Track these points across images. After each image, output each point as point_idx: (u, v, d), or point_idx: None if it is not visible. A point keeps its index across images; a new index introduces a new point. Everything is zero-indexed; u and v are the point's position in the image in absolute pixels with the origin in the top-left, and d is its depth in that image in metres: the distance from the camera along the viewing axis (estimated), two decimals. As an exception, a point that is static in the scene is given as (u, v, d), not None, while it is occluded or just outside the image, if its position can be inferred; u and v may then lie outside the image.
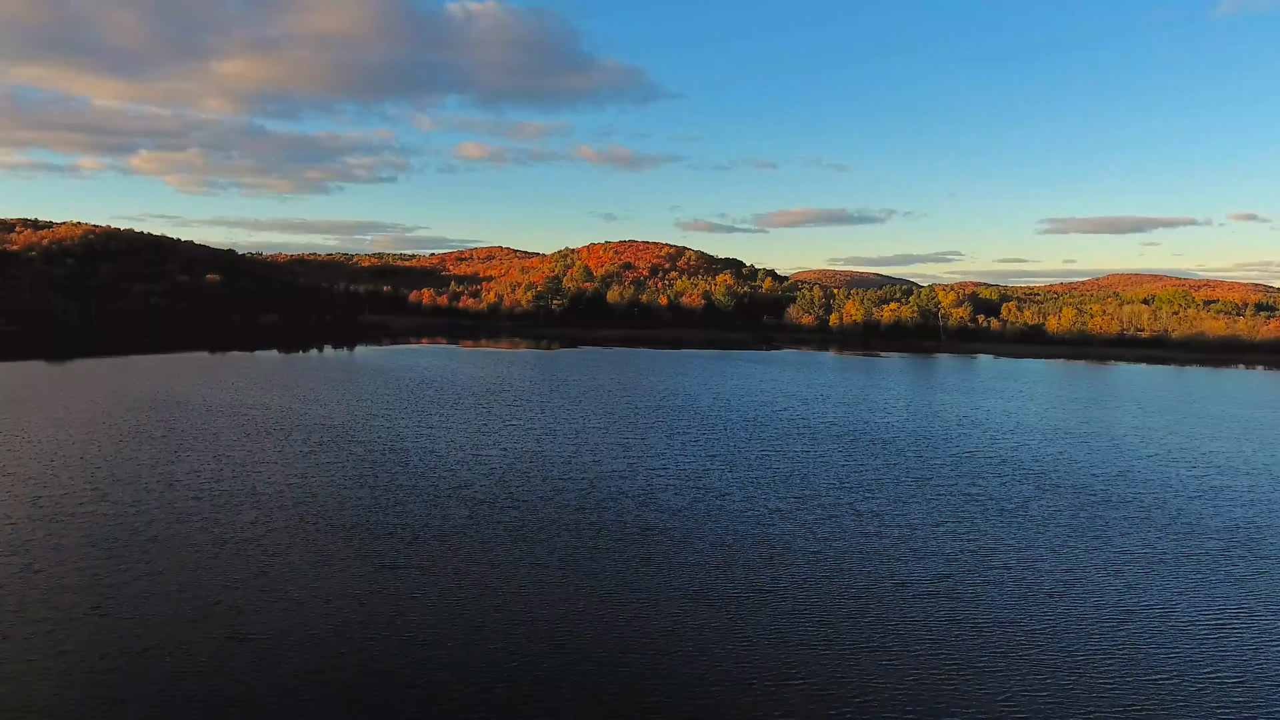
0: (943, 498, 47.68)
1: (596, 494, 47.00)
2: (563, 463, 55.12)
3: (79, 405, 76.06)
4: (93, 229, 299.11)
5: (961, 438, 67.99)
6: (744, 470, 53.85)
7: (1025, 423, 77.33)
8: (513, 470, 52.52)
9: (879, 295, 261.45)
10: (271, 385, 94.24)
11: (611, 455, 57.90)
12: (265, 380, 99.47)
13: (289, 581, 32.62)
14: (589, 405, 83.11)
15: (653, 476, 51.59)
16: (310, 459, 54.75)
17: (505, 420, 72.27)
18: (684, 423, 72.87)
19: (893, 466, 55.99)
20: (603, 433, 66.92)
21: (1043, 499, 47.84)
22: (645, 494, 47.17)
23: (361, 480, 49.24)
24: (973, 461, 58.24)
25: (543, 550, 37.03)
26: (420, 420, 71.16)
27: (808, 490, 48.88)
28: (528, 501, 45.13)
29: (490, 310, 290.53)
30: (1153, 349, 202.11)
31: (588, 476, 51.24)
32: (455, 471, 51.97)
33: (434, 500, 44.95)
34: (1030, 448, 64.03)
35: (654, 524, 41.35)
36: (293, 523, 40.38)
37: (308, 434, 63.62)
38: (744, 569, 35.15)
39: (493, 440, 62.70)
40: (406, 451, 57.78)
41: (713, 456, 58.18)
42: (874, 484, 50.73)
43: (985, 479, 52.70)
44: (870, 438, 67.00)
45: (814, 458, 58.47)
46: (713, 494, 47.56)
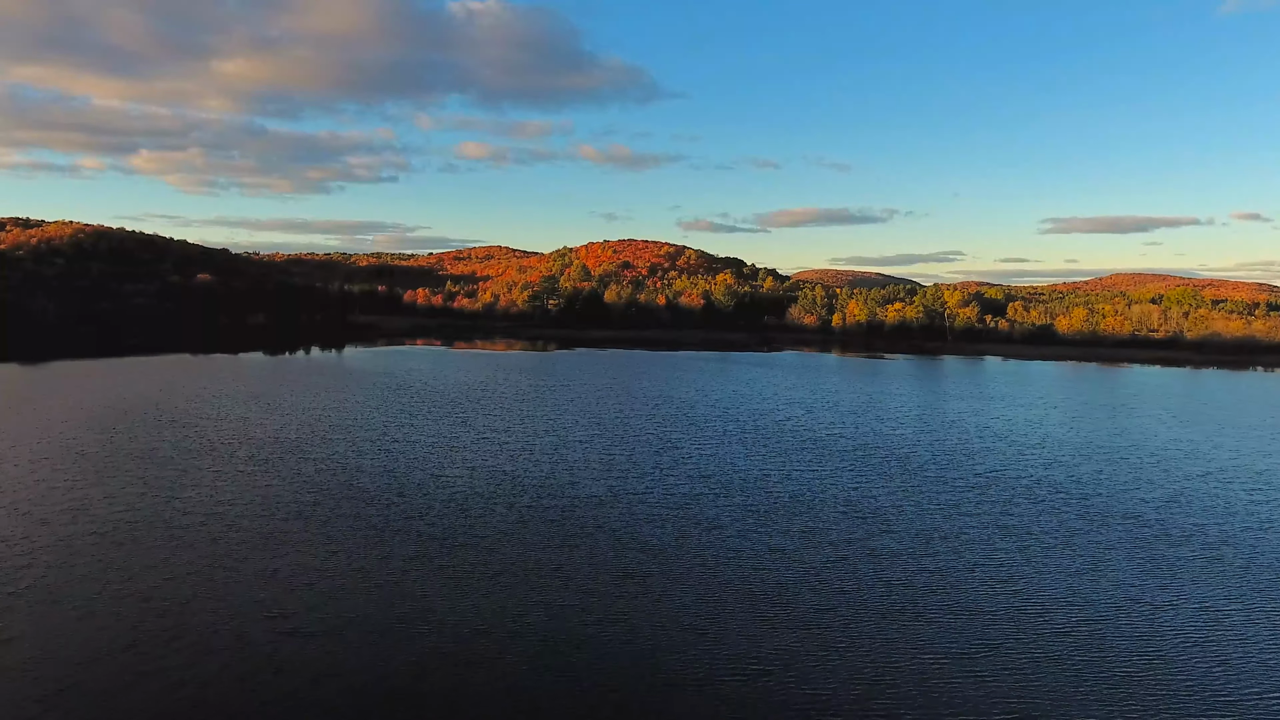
0: (972, 531, 40.86)
1: (567, 527, 40.20)
2: (535, 486, 48.33)
3: (18, 416, 69.32)
4: (83, 228, 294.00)
5: (984, 453, 61.16)
6: (739, 495, 47.05)
7: (1052, 434, 70.45)
8: (474, 496, 45.71)
9: (883, 295, 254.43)
10: (238, 392, 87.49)
11: (591, 476, 51.11)
12: (234, 386, 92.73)
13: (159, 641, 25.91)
14: (573, 415, 76.34)
15: (636, 504, 44.79)
16: (243, 482, 47.94)
17: (477, 434, 65.50)
18: (676, 435, 66.07)
19: (911, 491, 49.17)
20: (584, 448, 60.14)
21: (1091, 532, 41.02)
22: (625, 527, 40.37)
23: (295, 510, 42.45)
24: (1001, 484, 51.42)
25: (488, 606, 30.27)
26: (384, 433, 64.41)
27: (813, 522, 42.07)
28: (486, 538, 38.33)
29: (485, 311, 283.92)
30: (1166, 350, 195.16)
31: (560, 504, 44.45)
32: (408, 497, 45.19)
33: (373, 535, 38.16)
34: (1064, 465, 57.17)
35: (630, 568, 34.56)
36: (196, 566, 33.60)
37: (254, 451, 56.85)
38: (732, 637, 28.38)
39: (459, 458, 55.91)
40: (359, 471, 50.99)
41: (705, 478, 51.36)
42: (891, 514, 43.92)
43: (1019, 506, 45.88)
44: (883, 453, 60.20)
45: (820, 479, 51.67)
46: (702, 526, 40.75)
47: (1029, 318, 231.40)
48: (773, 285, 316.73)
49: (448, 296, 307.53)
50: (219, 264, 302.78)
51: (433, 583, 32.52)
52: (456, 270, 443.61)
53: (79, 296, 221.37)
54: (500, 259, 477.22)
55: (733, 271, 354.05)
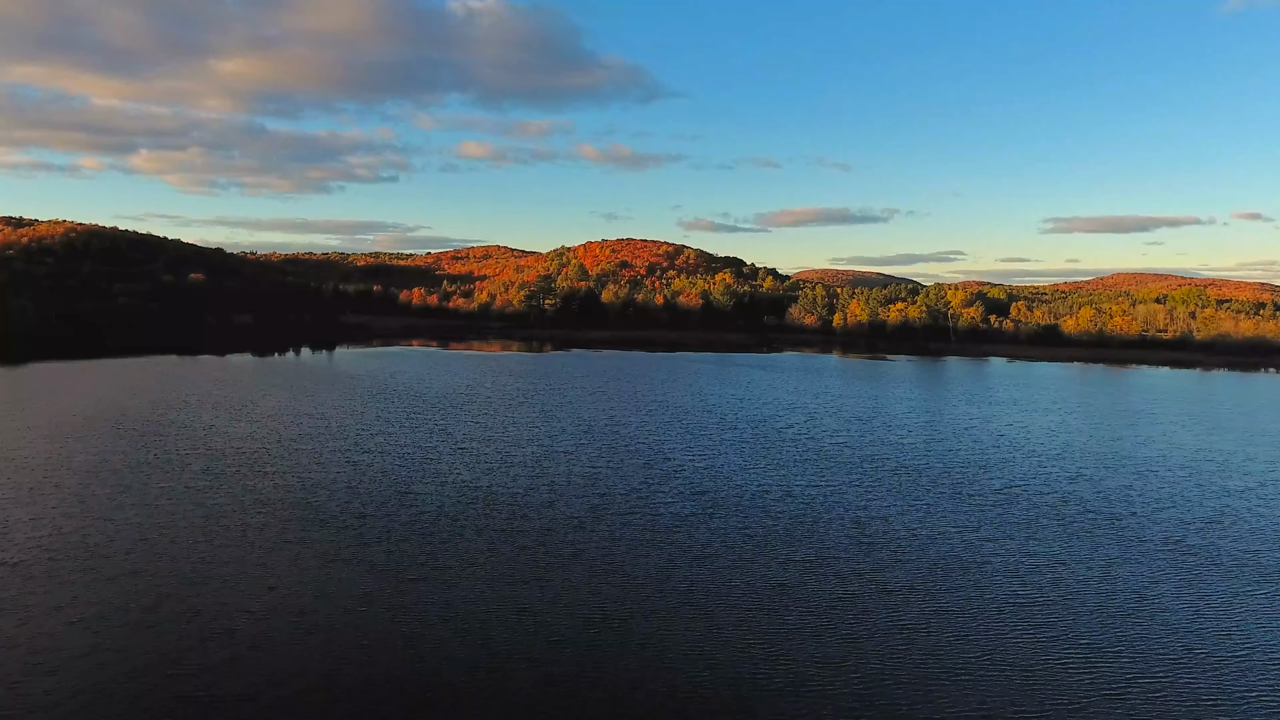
0: (996, 560, 36.35)
1: (540, 556, 35.68)
2: (510, 504, 43.83)
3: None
4: (75, 227, 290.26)
5: (1002, 465, 56.64)
6: (735, 517, 42.55)
7: (1073, 444, 65.92)
8: (442, 517, 41.20)
9: (885, 295, 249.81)
10: (209, 397, 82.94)
11: (573, 494, 46.60)
12: (207, 390, 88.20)
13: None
14: (560, 422, 71.84)
15: (620, 528, 40.29)
16: (188, 501, 43.39)
17: (455, 444, 61.01)
18: (669, 445, 61.59)
19: (925, 510, 44.67)
20: (568, 460, 55.64)
21: (1130, 561, 36.51)
22: (605, 556, 35.87)
23: (237, 535, 37.92)
24: (1024, 501, 46.91)
25: (438, 657, 25.79)
26: (354, 444, 59.91)
27: (818, 549, 37.56)
28: (446, 569, 33.80)
29: (481, 311, 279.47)
30: (1176, 351, 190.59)
31: (535, 527, 39.95)
32: (369, 519, 40.67)
33: (320, 566, 33.66)
34: (1090, 480, 52.63)
35: (607, 609, 30.06)
36: (108, 609, 29.06)
37: (210, 464, 52.35)
38: (723, 697, 23.87)
39: (431, 472, 51.40)
40: (318, 489, 46.47)
41: (698, 495, 46.87)
42: (904, 539, 39.41)
43: (1046, 529, 41.36)
44: (892, 466, 55.70)
45: (825, 497, 47.16)
46: (691, 556, 36.25)
47: (1033, 318, 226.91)
48: (773, 285, 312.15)
49: (443, 296, 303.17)
50: (213, 263, 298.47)
51: (378, 630, 28.05)
52: (454, 270, 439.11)
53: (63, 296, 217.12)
54: (498, 259, 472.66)
55: (732, 271, 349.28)
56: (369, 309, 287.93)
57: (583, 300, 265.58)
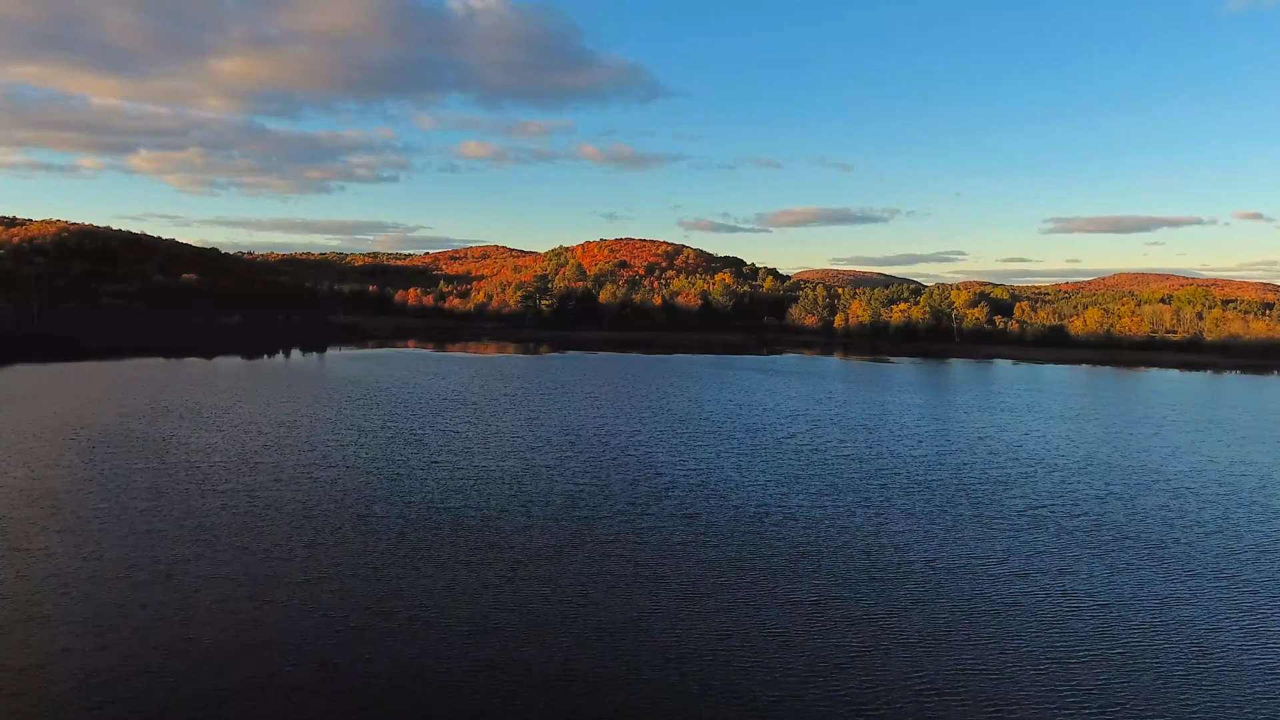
0: (1029, 601, 31.75)
1: (504, 593, 31.08)
2: (480, 526, 39.19)
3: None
4: (67, 226, 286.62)
5: (1023, 481, 51.98)
6: (730, 545, 37.94)
7: (1097, 455, 61.20)
8: (402, 544, 36.59)
9: (887, 295, 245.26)
10: (180, 404, 78.31)
11: (552, 515, 41.98)
12: (180, 396, 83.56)
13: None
14: (546, 431, 67.25)
15: (601, 556, 35.67)
16: (124, 526, 38.65)
17: (425, 459, 56.38)
18: (661, 458, 57.01)
19: (945, 539, 40.06)
20: (550, 475, 51.04)
21: (1185, 598, 31.84)
22: (581, 594, 31.28)
23: (165, 569, 33.29)
24: (1052, 524, 42.27)
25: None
26: (319, 457, 55.30)
27: (824, 590, 32.96)
28: (396, 613, 29.18)
29: (477, 311, 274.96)
30: (1186, 353, 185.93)
31: (505, 559, 35.33)
32: (317, 552, 36.10)
33: (245, 618, 29.08)
34: (1121, 498, 47.95)
35: (573, 665, 25.50)
36: (13, 655, 24.52)
37: (157, 481, 47.68)
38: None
39: (394, 493, 46.80)
40: (271, 510, 41.82)
41: (690, 520, 42.23)
42: (922, 573, 34.77)
43: (1084, 560, 36.70)
44: (903, 481, 51.09)
45: (830, 519, 42.56)
46: (677, 594, 31.57)
47: (1037, 318, 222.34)
48: (773, 285, 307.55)
49: (439, 297, 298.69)
50: (207, 263, 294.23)
51: (303, 693, 23.49)
52: (453, 270, 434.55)
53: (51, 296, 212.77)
54: (497, 259, 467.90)
55: (732, 271, 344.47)
56: (363, 309, 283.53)
57: (580, 300, 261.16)
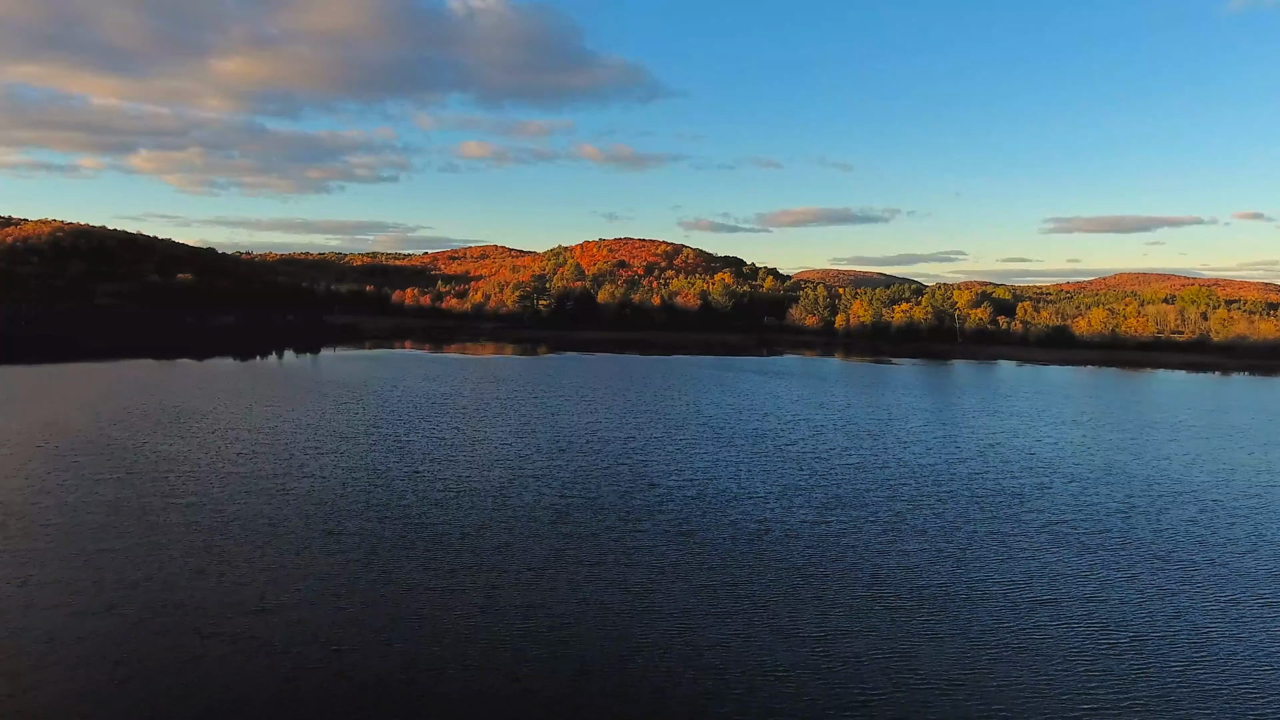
0: (1060, 635, 28.91)
1: (485, 621, 28.25)
2: (457, 549, 36.37)
3: None
4: (62, 226, 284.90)
5: (1040, 494, 49.08)
6: (727, 571, 35.10)
7: (1115, 464, 58.24)
8: (369, 571, 33.72)
9: (888, 295, 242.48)
10: (158, 407, 75.46)
11: (536, 535, 39.17)
12: (162, 399, 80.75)
13: None
14: (535, 439, 64.43)
15: (583, 584, 32.83)
16: (65, 548, 35.89)
17: (407, 468, 53.52)
18: (654, 468, 54.18)
19: (960, 560, 37.20)
20: (536, 486, 48.25)
21: (1230, 633, 28.95)
22: (559, 627, 28.49)
23: (102, 603, 30.54)
24: (1074, 544, 39.42)
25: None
26: (295, 466, 52.45)
27: (829, 622, 30.10)
28: (351, 652, 26.41)
29: (474, 311, 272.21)
30: (1192, 354, 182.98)
31: (481, 584, 32.45)
32: (279, 578, 33.29)
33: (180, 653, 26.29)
34: (1147, 513, 45.02)
35: (545, 711, 22.70)
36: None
37: (119, 494, 44.85)
38: None
39: (370, 505, 43.95)
40: (227, 528, 38.99)
41: (684, 538, 39.41)
42: (939, 605, 31.88)
43: (1116, 587, 33.83)
44: (911, 493, 48.25)
45: (836, 541, 39.72)
46: (662, 630, 28.81)
47: (1039, 319, 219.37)
48: (773, 285, 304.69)
49: (436, 297, 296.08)
50: (204, 264, 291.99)
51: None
52: (451, 270, 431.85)
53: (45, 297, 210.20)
54: (496, 258, 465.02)
55: (732, 271, 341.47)
56: (360, 309, 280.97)
57: (578, 300, 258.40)
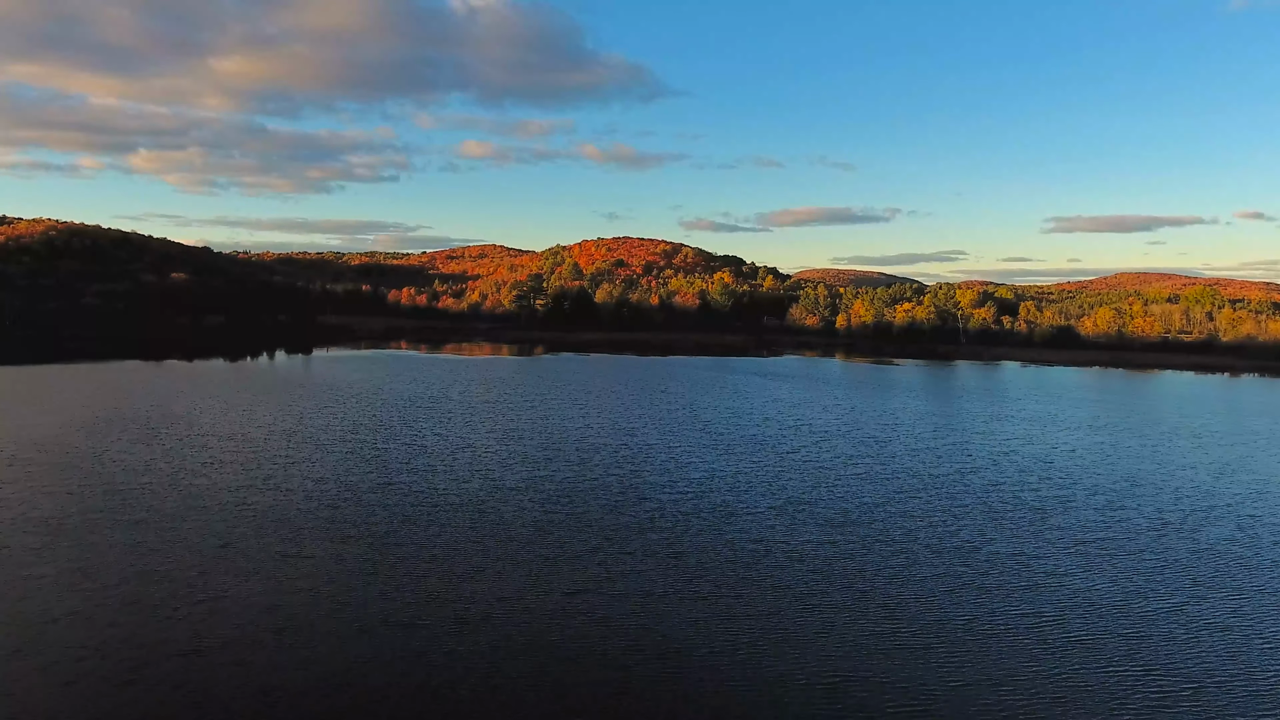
0: (1101, 685, 25.36)
1: (433, 675, 24.71)
2: (425, 573, 32.80)
3: None
4: (55, 225, 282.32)
5: (1064, 509, 45.54)
6: (723, 601, 31.51)
7: (1141, 476, 54.59)
8: (306, 608, 30.19)
9: (890, 294, 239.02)
10: (128, 414, 71.93)
11: (514, 557, 35.57)
12: (134, 404, 77.20)
13: None
14: (521, 446, 60.89)
15: (561, 619, 29.32)
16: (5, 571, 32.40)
17: (380, 478, 49.96)
18: (648, 481, 50.60)
19: (981, 589, 33.62)
20: (518, 503, 44.69)
21: None
22: (534, 669, 24.94)
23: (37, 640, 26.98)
24: (1108, 568, 35.82)
25: None
26: (260, 477, 48.91)
27: (833, 667, 26.51)
28: (283, 690, 22.88)
29: (470, 311, 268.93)
30: (1200, 355, 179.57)
31: (447, 616, 28.84)
32: (221, 606, 29.73)
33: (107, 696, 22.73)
34: (1182, 531, 41.41)
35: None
36: None
37: (63, 508, 41.39)
38: None
39: (339, 521, 40.43)
40: (173, 547, 35.36)
41: (675, 560, 35.82)
42: (958, 643, 28.36)
43: (1154, 619, 30.30)
44: (924, 507, 44.72)
45: (844, 564, 36.10)
46: (648, 678, 25.29)
47: (1042, 318, 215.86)
48: (773, 284, 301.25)
49: (432, 296, 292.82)
50: (199, 263, 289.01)
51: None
52: (449, 269, 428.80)
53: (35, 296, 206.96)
54: (494, 258, 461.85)
55: (731, 270, 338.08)
56: (355, 309, 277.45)
57: (575, 300, 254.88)
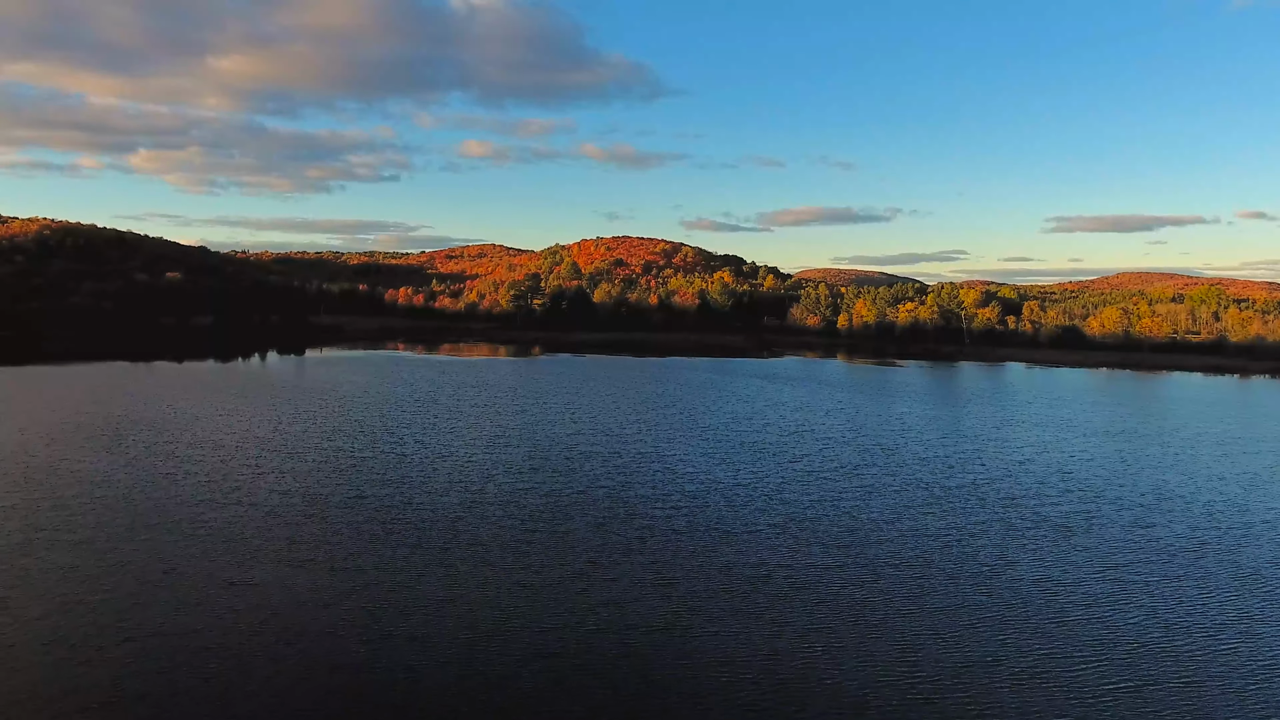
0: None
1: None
2: (379, 606, 29.32)
3: None
4: (49, 224, 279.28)
5: (1089, 526, 41.97)
6: (717, 642, 27.98)
7: (1168, 488, 50.97)
8: (249, 640, 26.67)
9: (892, 294, 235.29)
10: (94, 422, 68.47)
11: (485, 592, 32.15)
12: (103, 411, 73.73)
13: None
14: (507, 454, 57.35)
15: (523, 665, 25.80)
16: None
17: (347, 494, 46.48)
18: (638, 495, 47.04)
19: (1004, 619, 30.04)
20: (494, 520, 41.17)
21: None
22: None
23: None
24: (1143, 593, 32.23)
25: None
26: (220, 491, 45.40)
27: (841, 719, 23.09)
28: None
29: (466, 311, 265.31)
30: (1210, 356, 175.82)
31: (394, 660, 25.44)
32: (121, 646, 26.21)
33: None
34: (1219, 550, 37.67)
35: None
36: None
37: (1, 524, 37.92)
38: None
39: (281, 539, 36.89)
40: (104, 578, 31.85)
41: (664, 591, 32.27)
42: (987, 701, 24.90)
43: (1206, 659, 26.79)
44: (939, 523, 41.17)
45: (854, 598, 32.61)
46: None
47: (1046, 319, 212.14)
48: (773, 284, 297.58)
49: (429, 296, 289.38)
50: (194, 262, 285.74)
51: None
52: (448, 269, 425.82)
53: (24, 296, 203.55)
54: (493, 257, 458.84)
55: (731, 270, 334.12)
56: (351, 309, 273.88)
57: (572, 300, 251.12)
